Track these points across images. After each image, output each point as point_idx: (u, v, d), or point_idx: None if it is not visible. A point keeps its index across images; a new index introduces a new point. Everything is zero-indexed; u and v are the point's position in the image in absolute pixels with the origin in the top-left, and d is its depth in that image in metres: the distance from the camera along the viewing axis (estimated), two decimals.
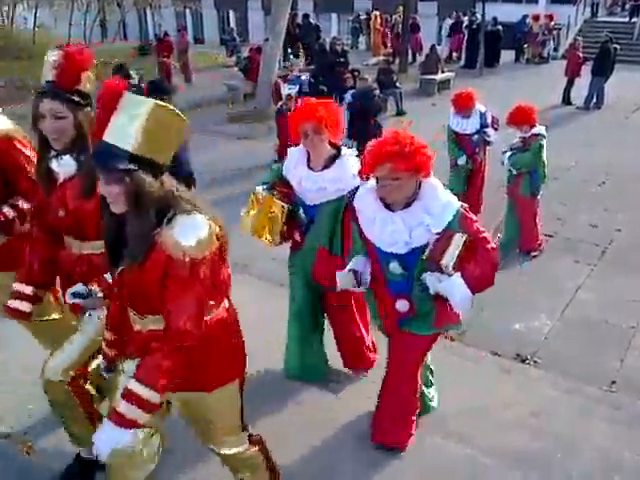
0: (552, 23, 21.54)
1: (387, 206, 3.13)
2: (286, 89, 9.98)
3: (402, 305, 3.25)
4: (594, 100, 14.64)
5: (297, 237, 3.90)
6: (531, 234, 6.94)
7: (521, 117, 6.59)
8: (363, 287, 3.34)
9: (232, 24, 34.07)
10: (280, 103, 10.27)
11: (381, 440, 3.52)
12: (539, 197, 6.95)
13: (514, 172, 6.79)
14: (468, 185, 7.72)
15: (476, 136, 7.40)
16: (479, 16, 20.41)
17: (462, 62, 21.11)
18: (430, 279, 3.10)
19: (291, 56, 12.79)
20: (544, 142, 6.66)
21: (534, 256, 6.93)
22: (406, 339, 3.33)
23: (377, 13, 22.97)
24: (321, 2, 31.51)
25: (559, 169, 10.04)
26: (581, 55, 14.98)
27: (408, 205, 3.08)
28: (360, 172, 3.41)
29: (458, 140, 7.49)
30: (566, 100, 15.06)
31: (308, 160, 3.74)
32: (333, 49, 16.59)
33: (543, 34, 21.27)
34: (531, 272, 6.62)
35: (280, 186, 3.84)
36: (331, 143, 3.71)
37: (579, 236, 7.49)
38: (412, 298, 3.23)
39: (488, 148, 7.70)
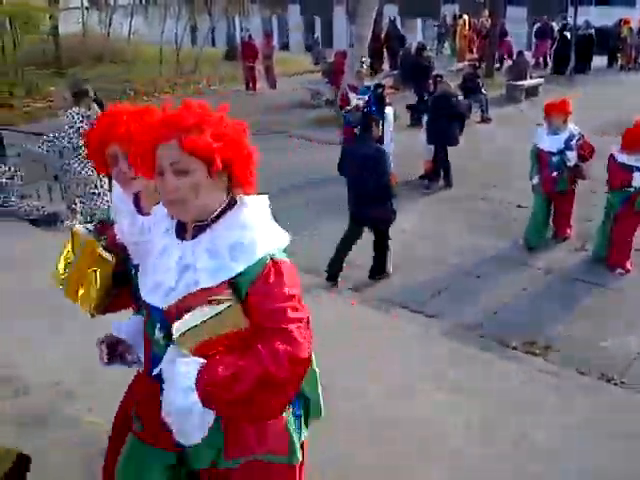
0: None
1: (180, 227, 2.00)
2: (355, 99, 9.86)
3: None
4: None
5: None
6: (626, 251, 6.66)
7: None
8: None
9: (317, 30, 34.47)
10: (346, 112, 9.98)
11: None
12: None
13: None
14: (555, 211, 7.33)
15: (556, 157, 6.86)
16: (570, 20, 19.78)
17: (550, 68, 20.46)
18: (168, 356, 1.91)
19: (363, 65, 12.62)
20: None
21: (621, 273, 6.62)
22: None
23: (465, 18, 22.64)
24: (406, 7, 31.35)
25: None
26: None
27: (202, 229, 1.93)
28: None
29: (539, 157, 7.03)
30: None
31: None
32: (418, 53, 16.53)
33: (637, 39, 20.33)
34: (621, 288, 6.36)
35: (111, 229, 2.34)
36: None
37: None
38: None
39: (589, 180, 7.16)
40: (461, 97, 13.55)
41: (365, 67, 12.46)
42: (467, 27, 22.34)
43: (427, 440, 3.46)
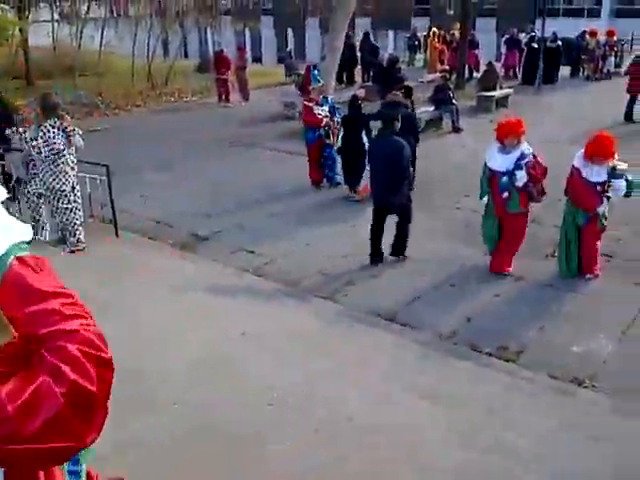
0: (613, 39, 21.04)
1: None
2: (319, 110, 9.99)
3: None
4: None
5: None
6: (594, 257, 6.75)
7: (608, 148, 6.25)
8: None
9: (290, 43, 34.64)
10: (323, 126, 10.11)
11: None
12: None
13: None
14: (504, 235, 6.77)
15: (506, 177, 6.47)
16: (537, 32, 20.18)
17: (519, 78, 20.81)
18: None
19: (318, 78, 12.75)
20: None
21: (590, 278, 6.73)
22: None
23: (435, 30, 22.95)
24: (379, 20, 31.71)
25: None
26: None
27: None
28: None
29: (490, 177, 6.70)
30: (628, 117, 14.64)
31: None
32: (390, 65, 16.73)
33: (603, 49, 20.79)
34: (590, 293, 6.46)
35: None
36: None
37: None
38: None
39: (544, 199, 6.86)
40: (428, 108, 13.77)
41: (321, 82, 12.58)
42: (438, 39, 22.64)
43: (408, 445, 3.48)
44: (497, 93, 16.50)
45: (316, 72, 13.80)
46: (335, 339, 5.34)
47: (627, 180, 6.33)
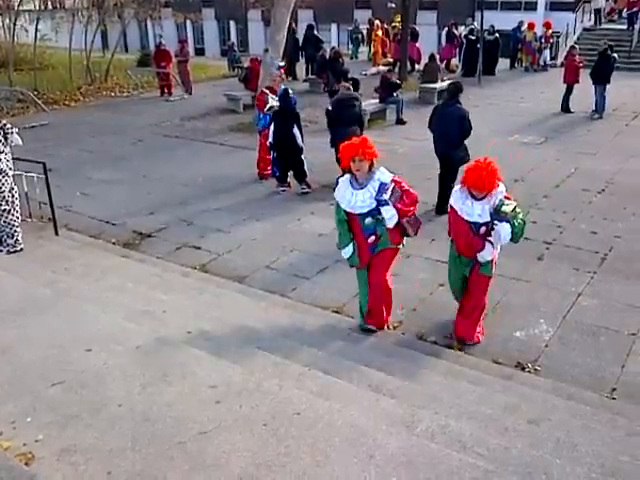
0: (550, 31, 21.62)
1: None
2: (272, 100, 9.85)
3: None
4: (597, 107, 14.61)
5: None
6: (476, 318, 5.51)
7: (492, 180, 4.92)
8: None
9: (232, 35, 34.30)
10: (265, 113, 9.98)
11: None
12: None
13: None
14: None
15: (368, 218, 5.17)
16: (476, 24, 20.57)
17: (459, 70, 21.17)
18: None
19: (280, 68, 12.66)
20: None
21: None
22: None
23: (378, 23, 23.09)
24: (321, 12, 31.69)
25: (559, 177, 10.11)
26: (578, 61, 14.99)
27: None
28: None
29: (349, 220, 5.32)
30: (565, 108, 15.08)
31: None
32: (334, 58, 16.77)
33: (540, 42, 21.36)
34: (531, 279, 6.64)
35: None
36: None
37: (579, 243, 7.50)
38: None
39: None
40: (372, 101, 13.86)
41: (282, 71, 12.45)
42: (380, 31, 22.80)
43: (354, 435, 3.50)
44: (439, 85, 16.73)
45: (276, 61, 13.66)
46: (283, 333, 5.33)
47: (512, 225, 4.93)
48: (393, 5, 25.70)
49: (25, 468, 3.25)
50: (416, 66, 20.93)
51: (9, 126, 6.97)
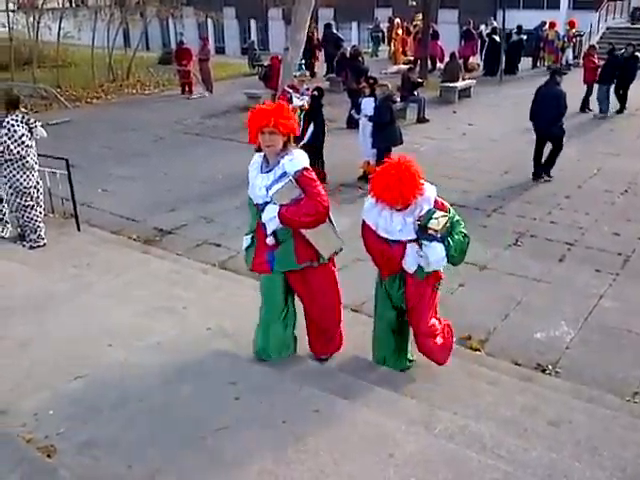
0: (573, 30, 21.38)
1: None
2: (298, 100, 9.85)
3: None
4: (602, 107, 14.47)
5: None
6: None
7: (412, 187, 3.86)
8: None
9: (253, 34, 34.38)
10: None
11: None
12: None
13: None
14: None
15: (266, 214, 4.10)
16: (495, 23, 20.44)
17: (480, 69, 21.00)
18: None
19: (302, 66, 12.67)
20: None
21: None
22: None
23: (398, 21, 23.01)
24: (341, 11, 31.66)
25: (582, 177, 10.01)
26: (596, 61, 14.82)
27: None
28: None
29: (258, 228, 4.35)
30: (584, 107, 14.91)
31: None
32: (353, 57, 16.72)
33: (563, 41, 21.13)
34: (552, 280, 6.58)
35: None
36: None
37: (601, 245, 7.41)
38: None
39: None
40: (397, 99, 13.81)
41: (304, 69, 12.50)
42: (400, 30, 22.71)
43: (374, 435, 3.50)
44: (459, 84, 16.65)
45: (297, 60, 13.71)
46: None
47: (446, 244, 3.95)
48: (414, 3, 25.60)
49: (47, 460, 3.29)
50: (437, 65, 20.82)
51: (33, 120, 7.05)
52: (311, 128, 9.60)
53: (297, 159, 4.05)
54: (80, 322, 4.99)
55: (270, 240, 4.12)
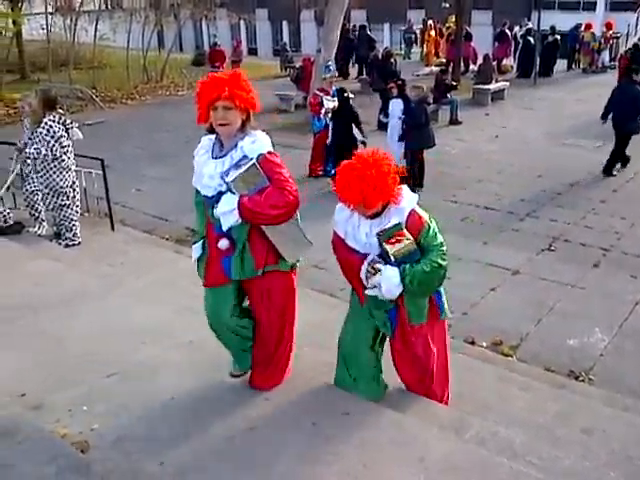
0: (610, 32, 21.02)
1: None
2: (329, 102, 9.88)
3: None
4: None
5: None
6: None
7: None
8: None
9: (285, 36, 34.54)
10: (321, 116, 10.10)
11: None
12: None
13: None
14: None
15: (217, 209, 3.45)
16: (530, 24, 20.19)
17: (514, 71, 20.76)
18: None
19: (330, 67, 12.62)
20: None
21: None
22: None
23: (431, 23, 22.89)
24: (374, 12, 31.62)
25: (617, 182, 9.84)
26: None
27: None
28: None
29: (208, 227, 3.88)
30: None
31: None
32: (385, 58, 16.70)
33: (599, 42, 20.78)
34: (586, 286, 6.47)
35: None
36: None
37: (637, 251, 7.27)
38: None
39: None
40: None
41: (333, 71, 12.47)
42: (433, 32, 22.59)
43: (404, 440, 3.48)
44: (492, 86, 16.49)
45: (330, 63, 13.72)
46: (331, 334, 5.33)
47: (403, 271, 3.29)
48: (447, 5, 25.45)
49: (81, 455, 3.34)
50: (470, 66, 20.65)
51: (69, 121, 7.18)
52: (353, 128, 9.63)
53: (260, 141, 3.40)
54: (113, 319, 5.06)
55: (223, 243, 3.43)
